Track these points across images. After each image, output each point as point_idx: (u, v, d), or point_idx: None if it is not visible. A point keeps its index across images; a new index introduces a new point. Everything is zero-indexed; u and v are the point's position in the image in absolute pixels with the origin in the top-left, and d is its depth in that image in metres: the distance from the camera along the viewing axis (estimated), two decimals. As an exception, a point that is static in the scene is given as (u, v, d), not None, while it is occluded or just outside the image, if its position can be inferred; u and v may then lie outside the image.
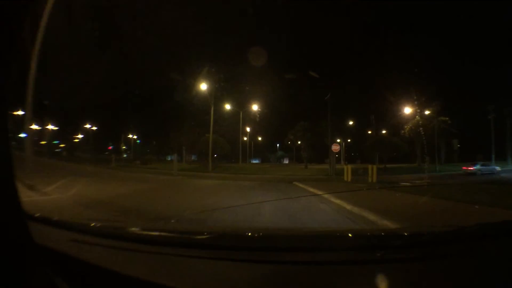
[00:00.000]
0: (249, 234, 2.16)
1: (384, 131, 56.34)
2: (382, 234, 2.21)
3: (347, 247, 1.75)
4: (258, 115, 49.11)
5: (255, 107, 43.94)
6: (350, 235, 2.08)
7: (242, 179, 25.60)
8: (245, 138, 71.57)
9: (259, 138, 79.63)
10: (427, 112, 47.72)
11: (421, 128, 45.95)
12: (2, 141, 1.47)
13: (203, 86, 34.39)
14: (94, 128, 70.86)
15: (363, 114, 51.35)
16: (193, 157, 70.68)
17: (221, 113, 42.84)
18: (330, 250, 1.70)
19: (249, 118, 50.19)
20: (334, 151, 24.87)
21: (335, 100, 37.59)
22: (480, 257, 1.61)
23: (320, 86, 42.92)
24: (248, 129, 62.60)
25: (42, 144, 68.05)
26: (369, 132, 63.66)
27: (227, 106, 42.90)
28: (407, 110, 47.27)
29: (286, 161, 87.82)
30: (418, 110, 46.65)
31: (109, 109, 65.09)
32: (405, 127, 47.22)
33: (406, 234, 1.98)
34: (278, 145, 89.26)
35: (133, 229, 2.28)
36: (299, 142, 47.39)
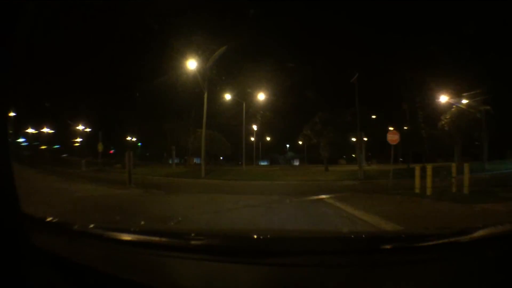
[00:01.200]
0: (248, 236, 2.09)
1: (405, 128, 46.52)
2: (381, 236, 2.16)
3: (346, 250, 1.67)
4: (261, 113, 39.29)
5: (261, 97, 33.71)
6: (349, 237, 2.06)
7: (241, 189, 16.41)
8: (252, 139, 62.41)
9: (268, 138, 69.73)
10: (464, 101, 37.75)
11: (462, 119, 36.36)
12: (2, 146, 1.55)
13: (193, 64, 24.71)
14: (88, 130, 63.11)
15: (386, 105, 40.91)
16: (195, 160, 62.17)
17: (220, 104, 33.12)
18: (329, 253, 1.62)
19: (255, 112, 40.09)
20: (392, 142, 15.06)
21: (361, 83, 27.88)
22: (480, 260, 1.54)
23: (343, 69, 33.30)
24: (254, 127, 52.83)
25: (42, 148, 61.45)
26: (390, 128, 53.80)
27: (227, 96, 32.89)
28: (444, 98, 37.49)
29: (296, 163, 78.03)
30: (458, 98, 36.98)
31: (105, 110, 56.34)
32: (442, 117, 37.22)
33: (404, 236, 1.95)
34: (287, 145, 79.73)
35: (131, 231, 2.14)
36: (311, 142, 36.80)
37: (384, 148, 27.60)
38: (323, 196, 11.26)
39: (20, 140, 57.87)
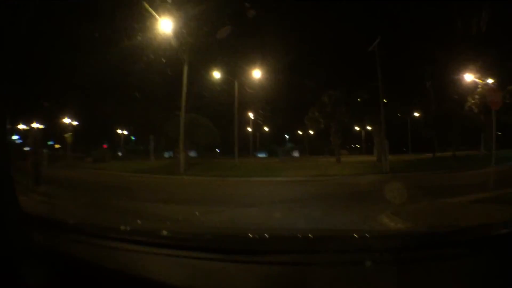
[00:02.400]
0: (248, 235, 1.91)
1: (417, 114, 40.05)
2: (383, 235, 2.03)
3: (347, 249, 1.59)
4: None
5: (256, 74, 26.69)
6: (350, 236, 1.84)
7: (225, 194, 10.27)
8: (249, 129, 55.91)
9: (266, 129, 63.18)
10: (490, 81, 31.31)
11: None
12: (1, 145, 1.56)
13: (168, 26, 18.12)
14: (74, 123, 57.37)
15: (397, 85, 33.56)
16: (191, 153, 55.97)
17: (207, 83, 26.29)
18: (331, 252, 1.55)
19: (247, 96, 33.03)
20: (495, 106, 8.68)
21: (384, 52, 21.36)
22: (481, 259, 1.48)
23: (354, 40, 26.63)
24: (251, 116, 46.22)
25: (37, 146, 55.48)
26: (399, 114, 47.30)
27: (216, 74, 25.95)
28: (469, 76, 31.04)
29: (296, 154, 71.81)
30: (484, 76, 30.57)
31: (90, 101, 49.73)
32: (469, 98, 30.71)
33: (405, 235, 1.90)
34: (286, 136, 73.35)
35: (133, 230, 2.02)
36: (319, 126, 29.50)
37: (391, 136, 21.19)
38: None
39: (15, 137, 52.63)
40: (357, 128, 57.40)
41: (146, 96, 37.26)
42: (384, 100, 35.06)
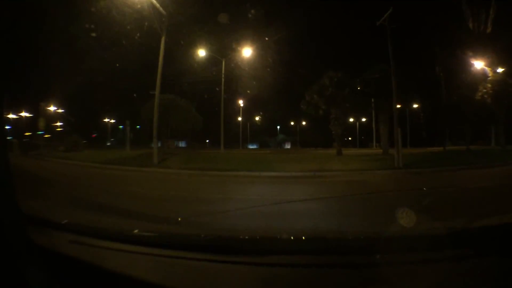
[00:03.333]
0: (246, 237, 1.88)
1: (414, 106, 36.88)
2: (382, 236, 1.80)
3: (347, 250, 1.56)
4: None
5: (247, 52, 23.13)
6: (349, 237, 1.89)
7: (182, 200, 6.62)
8: (239, 119, 52.54)
9: (256, 118, 59.85)
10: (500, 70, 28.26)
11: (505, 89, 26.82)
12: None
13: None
14: (60, 111, 53.83)
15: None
16: (181, 144, 52.68)
17: (190, 63, 22.73)
18: (331, 253, 1.52)
19: (238, 85, 29.39)
20: None
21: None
22: (481, 261, 1.42)
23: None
24: (241, 103, 42.80)
25: (26, 135, 52.63)
26: (398, 106, 44.08)
27: (201, 52, 22.33)
28: (479, 64, 27.93)
29: (288, 146, 68.79)
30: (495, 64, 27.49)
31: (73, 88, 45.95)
32: (480, 87, 27.64)
33: (406, 237, 1.78)
34: (278, 127, 70.09)
35: (133, 231, 1.94)
36: (317, 112, 25.46)
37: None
38: None
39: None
40: (350, 120, 54.23)
41: (126, 78, 33.68)
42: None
